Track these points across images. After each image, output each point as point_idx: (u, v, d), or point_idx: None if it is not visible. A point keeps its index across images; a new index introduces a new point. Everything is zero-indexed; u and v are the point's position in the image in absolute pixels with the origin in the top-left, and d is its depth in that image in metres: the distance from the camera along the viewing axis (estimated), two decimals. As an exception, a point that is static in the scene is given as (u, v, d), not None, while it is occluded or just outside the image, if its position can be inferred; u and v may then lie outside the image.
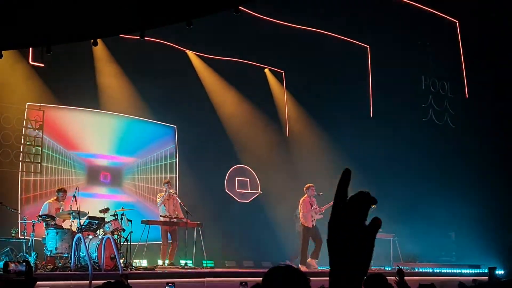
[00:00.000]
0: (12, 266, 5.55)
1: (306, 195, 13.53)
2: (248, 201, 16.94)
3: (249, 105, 16.78)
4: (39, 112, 13.65)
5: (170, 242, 13.06)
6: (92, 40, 8.51)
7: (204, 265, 13.25)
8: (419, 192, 16.40)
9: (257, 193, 17.10)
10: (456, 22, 16.56)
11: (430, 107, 17.56)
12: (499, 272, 14.89)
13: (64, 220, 11.35)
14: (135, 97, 14.88)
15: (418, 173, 16.51)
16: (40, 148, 13.67)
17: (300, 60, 16.36)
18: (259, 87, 17.08)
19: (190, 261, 12.87)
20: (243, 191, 16.92)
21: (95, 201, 13.51)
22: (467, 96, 17.07)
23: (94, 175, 14.63)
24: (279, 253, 15.73)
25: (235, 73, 16.30)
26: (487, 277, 12.78)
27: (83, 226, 10.39)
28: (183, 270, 11.94)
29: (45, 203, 11.73)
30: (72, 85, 13.77)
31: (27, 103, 13.58)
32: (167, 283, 5.14)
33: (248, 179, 17.09)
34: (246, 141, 16.68)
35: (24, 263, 5.68)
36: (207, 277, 10.56)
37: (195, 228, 13.04)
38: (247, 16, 13.82)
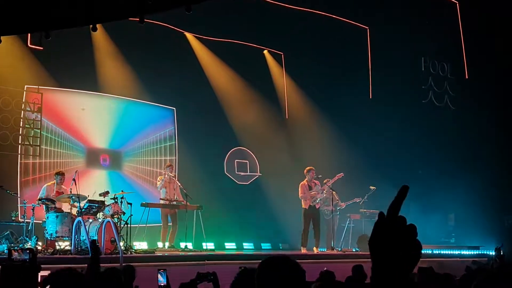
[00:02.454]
0: (15, 254, 5.53)
1: (306, 178, 13.54)
2: (247, 183, 16.95)
3: (248, 87, 16.71)
4: (37, 94, 13.59)
5: (170, 225, 13.09)
6: (91, 26, 8.42)
7: (204, 247, 13.29)
8: (419, 174, 16.42)
9: (256, 175, 17.10)
10: (456, 3, 16.45)
11: (429, 89, 17.53)
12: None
13: (63, 204, 11.35)
14: (134, 79, 14.80)
15: (417, 154, 16.52)
16: (39, 131, 13.62)
17: (299, 42, 16.27)
18: (258, 69, 17.00)
19: (190, 244, 12.91)
20: (242, 173, 16.92)
21: (95, 184, 13.50)
22: (467, 77, 17.01)
23: (93, 157, 14.61)
24: (278, 235, 15.78)
25: (234, 55, 16.21)
26: (486, 258, 12.87)
27: (83, 210, 10.39)
28: (183, 253, 11.97)
29: (43, 187, 11.74)
30: (70, 68, 13.68)
31: (26, 86, 13.51)
32: (159, 270, 5.14)
33: (247, 161, 17.09)
34: (245, 123, 16.64)
35: (28, 251, 5.67)
36: (207, 260, 10.57)
37: (195, 211, 13.05)
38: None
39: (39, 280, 5.64)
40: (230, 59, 16.31)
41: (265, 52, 17.30)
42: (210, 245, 13.73)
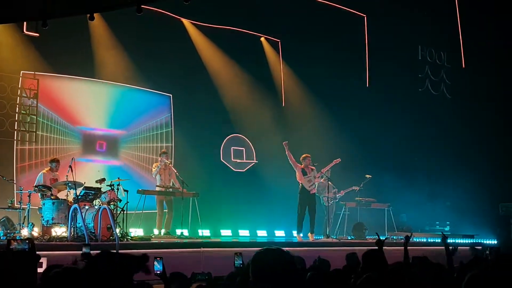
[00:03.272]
0: (14, 244, 5.55)
1: (302, 164, 13.57)
2: (244, 170, 16.98)
3: (244, 74, 16.69)
4: (33, 80, 13.55)
5: (166, 211, 13.13)
6: (88, 15, 8.38)
7: (200, 234, 13.35)
8: (415, 162, 16.48)
9: (253, 162, 17.13)
10: (454, -9, 16.43)
11: (426, 77, 17.55)
12: (492, 242, 15.09)
13: (59, 191, 11.37)
14: (130, 65, 14.75)
15: (414, 143, 16.58)
16: (35, 117, 13.60)
17: (297, 29, 16.24)
18: (255, 56, 16.97)
19: (186, 230, 12.96)
20: (238, 160, 16.94)
21: (91, 171, 13.52)
22: (463, 66, 17.01)
23: (89, 144, 14.60)
24: (273, 222, 15.83)
25: (231, 41, 16.17)
26: (480, 247, 12.93)
27: (79, 197, 10.40)
28: (179, 240, 12.02)
29: (39, 174, 11.74)
30: (67, 54, 13.62)
31: (22, 72, 13.46)
32: (155, 257, 5.15)
33: (243, 149, 17.11)
34: (242, 110, 16.65)
35: (27, 241, 5.68)
36: (203, 247, 10.61)
37: (191, 198, 13.09)
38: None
39: (38, 270, 5.67)
40: (227, 46, 16.26)
41: (262, 39, 17.26)
42: (206, 232, 13.79)
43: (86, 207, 10.55)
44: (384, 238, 6.18)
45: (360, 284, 4.20)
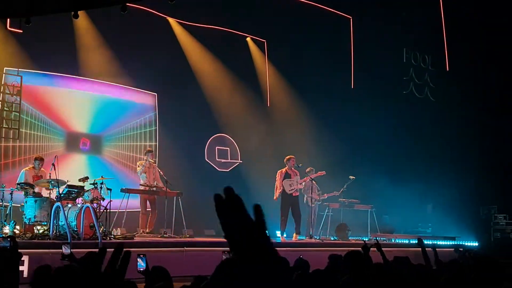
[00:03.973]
0: (-4, 242, 5.52)
1: (286, 166, 13.60)
2: (228, 170, 16.98)
3: (230, 74, 16.69)
4: (17, 77, 13.45)
5: (149, 210, 13.09)
6: (72, 12, 8.34)
7: (183, 234, 13.32)
8: (398, 164, 16.57)
9: (237, 162, 17.14)
10: (439, -5, 16.55)
11: (410, 80, 17.67)
12: (473, 244, 15.22)
13: (47, 189, 11.30)
14: (115, 63, 14.69)
15: (397, 145, 16.65)
16: (18, 114, 13.50)
17: (283, 30, 16.28)
18: (240, 56, 16.97)
19: (170, 230, 12.92)
20: (223, 160, 16.94)
21: (74, 169, 13.45)
22: (447, 69, 17.15)
23: (73, 141, 14.51)
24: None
25: (217, 41, 16.16)
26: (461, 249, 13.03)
27: (62, 195, 10.34)
28: (162, 239, 11.99)
29: (21, 171, 11.64)
30: (51, 51, 13.53)
31: (5, 68, 13.37)
32: (138, 255, 5.14)
33: (228, 148, 17.11)
34: (227, 110, 16.65)
35: (9, 239, 5.64)
36: (186, 247, 10.60)
37: (175, 197, 13.06)
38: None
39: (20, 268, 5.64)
40: (213, 46, 16.25)
41: (248, 39, 17.28)
42: (189, 231, 13.76)
43: (69, 205, 10.48)
44: (370, 245, 6.18)
45: (342, 284, 4.23)
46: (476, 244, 15.28)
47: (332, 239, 14.41)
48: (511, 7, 15.67)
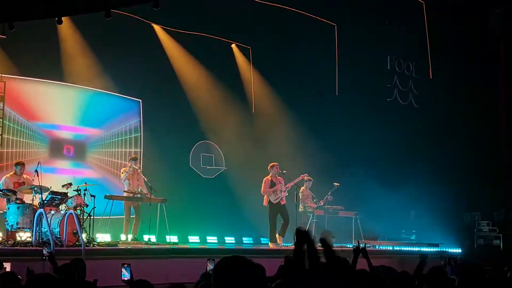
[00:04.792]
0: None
1: (270, 174, 13.61)
2: (213, 176, 16.95)
3: (215, 81, 16.67)
4: (0, 83, 13.35)
5: (133, 217, 13.03)
6: (56, 18, 8.30)
7: (168, 240, 13.27)
8: (382, 171, 16.63)
9: (222, 169, 17.11)
10: (422, 3, 16.65)
11: (395, 87, 17.76)
12: (456, 250, 15.31)
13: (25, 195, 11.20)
14: (99, 69, 14.61)
15: (381, 151, 16.71)
16: (1, 120, 13.39)
17: (267, 37, 16.31)
18: (226, 62, 16.98)
19: (154, 236, 12.87)
20: (207, 166, 16.91)
21: (58, 175, 13.36)
22: (431, 77, 17.26)
23: (57, 148, 14.41)
24: (242, 228, 15.81)
25: (202, 48, 16.14)
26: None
27: (45, 201, 10.26)
28: (146, 246, 11.93)
29: (2, 178, 11.52)
30: (34, 56, 13.44)
31: (-12, 74, 13.26)
32: (123, 264, 5.11)
33: (213, 155, 17.08)
34: (212, 117, 16.63)
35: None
36: (171, 254, 10.55)
37: (159, 204, 13.01)
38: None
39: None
40: (198, 52, 16.24)
41: (233, 45, 17.28)
42: (173, 238, 13.72)
43: (52, 212, 10.40)
44: (362, 246, 6.14)
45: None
46: (460, 250, 15.36)
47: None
48: (493, 16, 15.85)
